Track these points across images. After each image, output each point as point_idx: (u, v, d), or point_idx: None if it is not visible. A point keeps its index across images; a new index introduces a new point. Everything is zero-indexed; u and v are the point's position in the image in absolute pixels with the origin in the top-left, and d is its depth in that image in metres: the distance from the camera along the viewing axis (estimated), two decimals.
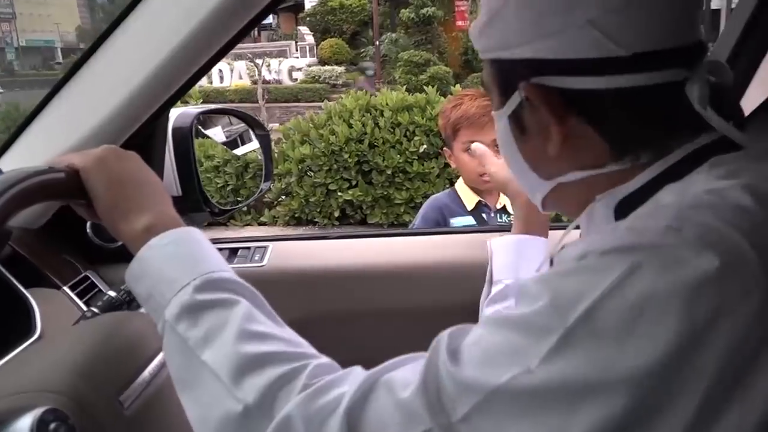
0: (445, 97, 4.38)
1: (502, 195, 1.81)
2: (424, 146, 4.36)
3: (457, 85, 4.39)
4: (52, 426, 0.54)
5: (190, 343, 0.57)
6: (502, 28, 0.57)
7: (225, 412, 0.53)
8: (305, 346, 0.59)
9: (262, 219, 4.92)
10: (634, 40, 0.51)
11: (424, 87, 4.52)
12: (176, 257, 0.62)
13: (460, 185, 1.87)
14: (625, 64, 0.52)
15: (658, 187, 0.51)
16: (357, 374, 0.54)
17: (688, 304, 0.41)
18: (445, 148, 1.91)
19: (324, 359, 0.57)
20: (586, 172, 0.57)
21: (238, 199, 4.80)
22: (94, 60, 0.93)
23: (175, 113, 1.15)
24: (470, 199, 1.83)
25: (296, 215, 4.82)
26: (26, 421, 0.53)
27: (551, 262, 0.57)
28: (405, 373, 0.52)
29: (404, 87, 4.53)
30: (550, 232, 1.02)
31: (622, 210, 0.54)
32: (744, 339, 0.41)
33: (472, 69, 18.32)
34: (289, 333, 0.60)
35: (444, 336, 0.51)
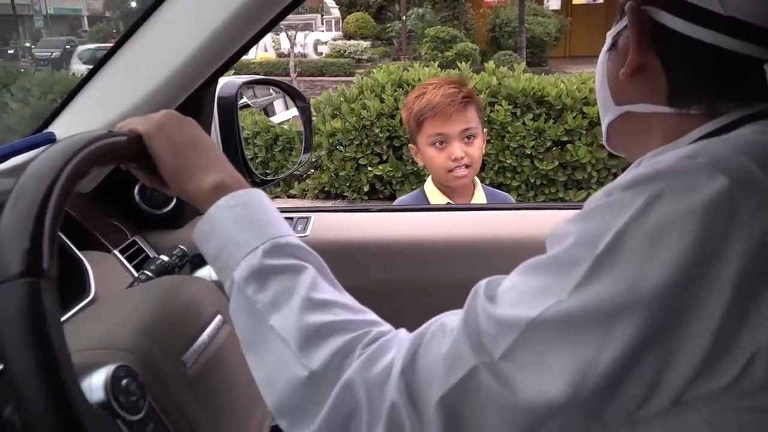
0: (478, 74, 4.33)
1: (476, 195, 1.68)
2: None
3: (491, 62, 4.33)
4: (124, 382, 0.55)
5: (258, 307, 0.58)
6: None
7: (291, 376, 0.55)
8: (367, 313, 0.60)
9: (292, 192, 4.94)
10: (738, 6, 0.53)
11: (457, 64, 4.47)
12: (245, 219, 0.63)
13: (429, 185, 1.70)
14: (719, 23, 0.53)
15: None
16: (402, 338, 0.56)
17: (703, 222, 0.44)
18: (410, 145, 1.73)
19: (384, 326, 0.59)
20: (647, 105, 0.60)
21: (267, 171, 4.83)
22: (146, 28, 0.94)
23: (221, 83, 1.16)
24: (438, 201, 1.67)
25: (326, 189, 4.83)
26: (100, 376, 0.54)
27: None
28: (447, 324, 0.54)
29: (436, 63, 4.46)
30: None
31: None
32: (758, 252, 0.44)
33: (498, 46, 18.09)
34: (350, 300, 0.61)
35: (481, 284, 0.53)
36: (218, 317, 0.74)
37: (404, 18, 20.66)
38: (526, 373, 0.47)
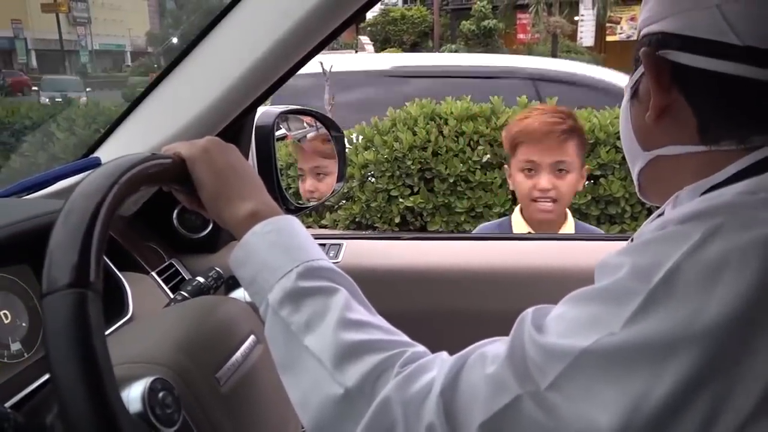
0: (510, 108, 4.34)
1: (564, 230, 1.61)
2: (488, 156, 4.31)
3: (523, 96, 4.34)
4: (161, 395, 0.57)
5: (293, 328, 0.59)
6: (650, 6, 0.61)
7: (326, 395, 0.56)
8: (400, 335, 0.61)
9: (323, 222, 4.97)
10: (753, 34, 0.53)
11: (489, 98, 4.49)
12: (279, 244, 0.64)
13: (516, 215, 1.66)
14: (737, 53, 0.53)
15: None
16: (444, 359, 0.56)
17: (763, 260, 0.43)
18: (505, 166, 1.72)
19: (419, 347, 0.59)
20: (678, 147, 0.59)
21: (300, 202, 4.87)
22: (193, 56, 0.98)
23: (259, 112, 1.20)
24: (521, 231, 1.61)
25: (357, 219, 4.84)
26: (138, 388, 0.56)
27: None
28: (491, 350, 0.53)
29: (469, 97, 4.49)
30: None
31: None
32: None
33: None
34: (383, 322, 0.62)
35: (528, 313, 0.53)
36: (252, 337, 0.76)
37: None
38: (573, 404, 0.46)
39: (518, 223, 1.64)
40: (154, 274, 1.07)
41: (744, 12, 0.53)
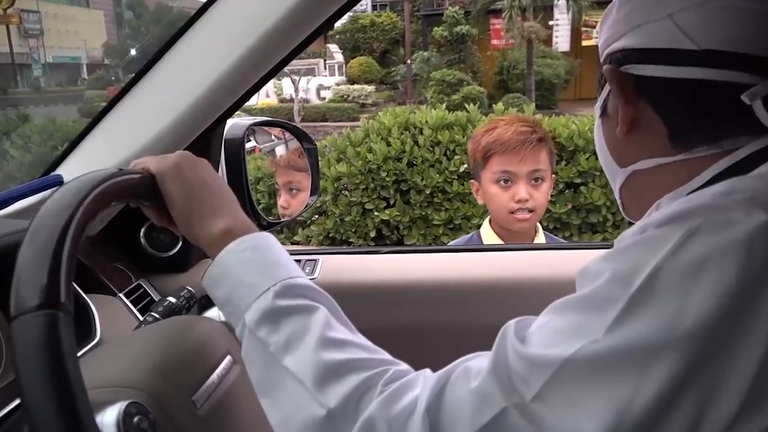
0: (486, 116, 4.35)
1: (536, 241, 1.61)
2: (465, 165, 4.31)
3: (500, 104, 4.35)
4: (136, 419, 0.55)
5: (272, 349, 0.58)
6: (608, 27, 0.63)
7: (309, 416, 0.54)
8: (382, 353, 0.60)
9: (296, 238, 4.91)
10: (707, 38, 0.54)
11: (465, 106, 4.49)
12: (255, 262, 0.62)
13: (485, 228, 1.63)
14: (694, 58, 0.55)
15: None
16: (428, 376, 0.55)
17: (741, 260, 0.44)
18: (472, 181, 1.67)
19: (402, 365, 0.58)
20: (652, 160, 0.60)
21: (270, 218, 4.80)
22: (158, 67, 0.95)
23: (228, 124, 1.17)
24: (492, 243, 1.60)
25: (330, 235, 4.79)
26: (113, 413, 0.54)
27: None
28: (475, 365, 0.53)
29: (444, 105, 4.51)
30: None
31: None
32: None
33: (507, 89, 18.26)
34: (364, 340, 0.61)
35: (511, 324, 0.53)
36: (228, 357, 0.74)
37: (409, 62, 20.96)
38: (559, 414, 0.46)
39: (489, 236, 1.62)
40: (121, 295, 1.04)
41: (696, 18, 0.55)
